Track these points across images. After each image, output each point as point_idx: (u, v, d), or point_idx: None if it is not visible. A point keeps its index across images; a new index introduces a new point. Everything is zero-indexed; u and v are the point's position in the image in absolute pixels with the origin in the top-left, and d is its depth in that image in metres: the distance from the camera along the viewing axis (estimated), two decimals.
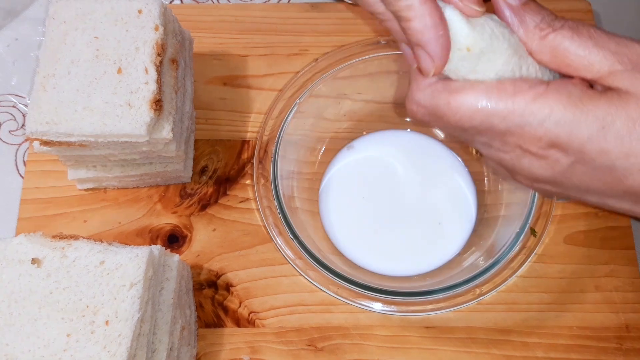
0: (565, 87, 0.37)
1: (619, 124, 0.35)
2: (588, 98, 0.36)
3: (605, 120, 0.35)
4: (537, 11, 0.38)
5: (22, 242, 0.45)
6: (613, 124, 0.35)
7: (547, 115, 0.36)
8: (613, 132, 0.35)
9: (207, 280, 0.57)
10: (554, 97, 0.36)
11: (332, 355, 0.54)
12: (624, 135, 0.35)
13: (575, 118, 0.36)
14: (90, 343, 0.42)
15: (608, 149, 0.36)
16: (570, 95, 0.36)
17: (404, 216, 0.59)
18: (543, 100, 0.36)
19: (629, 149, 0.36)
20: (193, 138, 0.62)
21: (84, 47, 0.50)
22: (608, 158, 0.36)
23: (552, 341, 0.55)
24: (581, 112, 0.36)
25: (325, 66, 0.60)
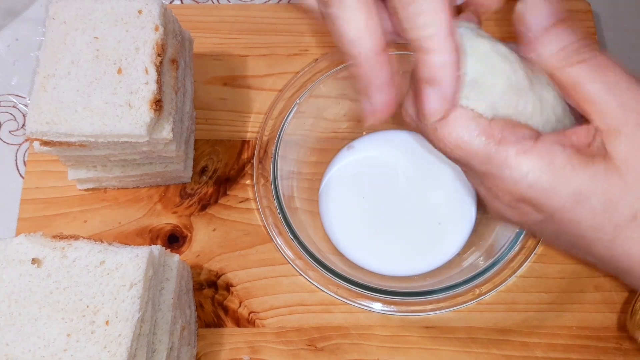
0: (551, 150, 0.35)
1: (594, 201, 0.34)
2: (571, 167, 0.34)
3: (581, 195, 0.34)
4: (564, 35, 0.35)
5: (22, 242, 0.45)
6: (589, 199, 0.34)
7: (524, 175, 0.35)
8: (587, 207, 0.34)
9: (207, 280, 0.57)
10: (536, 159, 0.34)
11: (332, 355, 0.54)
12: (597, 213, 0.35)
13: (550, 186, 0.34)
14: (90, 343, 0.42)
15: (579, 220, 0.35)
16: (552, 162, 0.34)
17: (403, 216, 0.59)
18: (524, 159, 0.34)
19: (599, 224, 0.35)
20: (193, 138, 0.62)
21: (84, 47, 0.50)
22: (578, 227, 0.36)
23: (552, 341, 0.55)
24: (559, 181, 0.34)
25: (325, 66, 0.60)
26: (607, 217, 0.35)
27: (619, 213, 0.34)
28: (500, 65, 0.35)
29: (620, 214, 0.34)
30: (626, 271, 0.37)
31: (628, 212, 0.34)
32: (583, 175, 0.34)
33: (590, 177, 0.34)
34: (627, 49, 0.69)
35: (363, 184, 0.60)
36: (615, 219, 0.35)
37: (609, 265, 0.38)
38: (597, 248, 0.36)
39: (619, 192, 0.34)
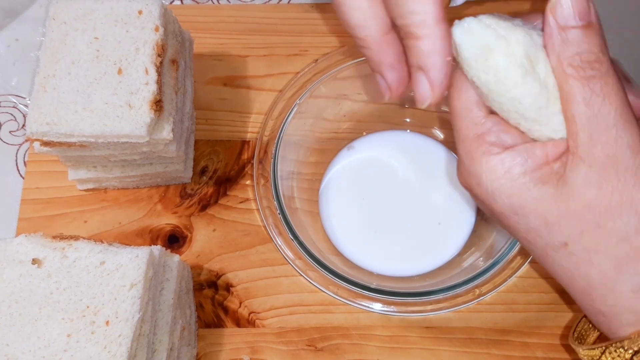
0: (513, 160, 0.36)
1: (531, 218, 0.36)
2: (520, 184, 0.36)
3: (521, 209, 0.36)
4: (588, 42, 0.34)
5: (22, 243, 0.45)
6: (526, 216, 0.36)
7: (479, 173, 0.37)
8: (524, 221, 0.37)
9: (207, 280, 0.57)
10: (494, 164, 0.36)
11: (332, 355, 0.54)
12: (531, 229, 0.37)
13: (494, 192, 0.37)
14: (90, 343, 0.42)
15: (516, 229, 0.37)
16: (508, 171, 0.36)
17: (403, 216, 0.59)
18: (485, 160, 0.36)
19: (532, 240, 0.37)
20: (193, 138, 0.62)
21: (84, 47, 0.50)
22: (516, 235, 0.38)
23: (552, 341, 0.55)
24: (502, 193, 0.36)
25: (325, 67, 0.60)
26: (539, 237, 0.36)
27: (551, 237, 0.36)
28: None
29: (551, 238, 0.36)
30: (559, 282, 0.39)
31: (560, 237, 0.35)
32: (527, 194, 0.36)
33: (533, 198, 0.35)
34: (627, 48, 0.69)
35: (363, 184, 0.60)
36: (546, 240, 0.36)
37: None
38: (534, 257, 0.39)
39: (557, 217, 0.35)
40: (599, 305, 0.38)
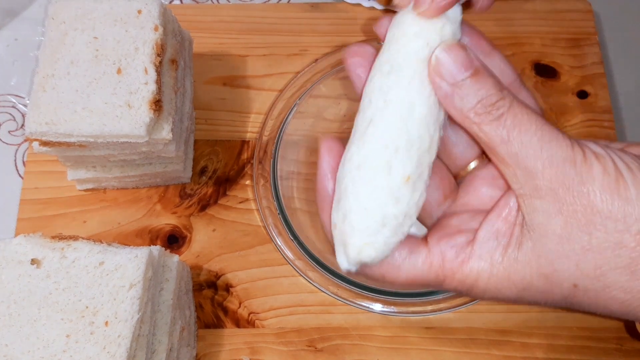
0: (487, 248, 0.35)
1: (537, 284, 0.35)
2: (507, 260, 0.35)
3: (523, 283, 0.35)
4: (474, 91, 0.34)
5: (21, 243, 0.45)
6: (531, 284, 0.35)
7: (474, 284, 0.36)
8: (533, 290, 0.35)
9: (207, 280, 0.57)
10: (478, 264, 0.35)
11: (332, 356, 0.54)
12: (544, 291, 0.35)
13: (498, 288, 0.36)
14: (89, 344, 0.42)
15: (534, 300, 0.36)
16: (492, 262, 0.35)
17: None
18: (467, 269, 0.36)
19: (550, 300, 0.36)
20: (193, 138, 0.62)
21: (84, 47, 0.50)
22: (537, 304, 0.37)
23: (552, 342, 0.55)
24: (502, 280, 0.35)
25: (325, 66, 0.60)
26: (553, 294, 0.35)
27: (559, 286, 0.35)
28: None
29: (560, 287, 0.35)
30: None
31: (565, 283, 0.35)
32: (518, 265, 0.35)
33: (524, 263, 0.35)
34: (627, 48, 0.69)
35: None
36: (560, 292, 0.35)
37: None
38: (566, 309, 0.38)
39: (549, 267, 0.34)
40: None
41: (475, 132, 0.34)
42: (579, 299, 0.35)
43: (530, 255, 0.35)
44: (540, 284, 0.35)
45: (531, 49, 0.66)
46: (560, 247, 0.34)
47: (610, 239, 0.33)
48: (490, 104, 0.34)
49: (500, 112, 0.34)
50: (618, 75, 0.67)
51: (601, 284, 0.34)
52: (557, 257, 0.34)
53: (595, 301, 0.35)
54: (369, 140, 0.36)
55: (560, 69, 0.65)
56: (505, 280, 0.35)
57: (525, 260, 0.35)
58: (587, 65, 0.65)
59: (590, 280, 0.34)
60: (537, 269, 0.35)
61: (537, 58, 0.65)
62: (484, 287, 0.36)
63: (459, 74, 0.34)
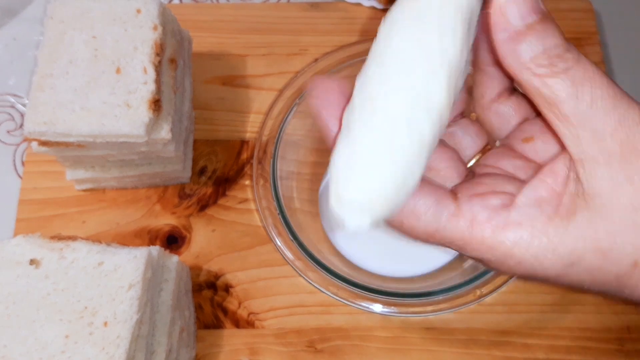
0: (529, 216, 0.32)
1: (588, 258, 0.31)
2: (554, 230, 0.31)
3: (572, 257, 0.31)
4: (548, 36, 0.30)
5: (20, 243, 0.45)
6: (582, 259, 0.31)
7: (508, 254, 0.32)
8: (583, 266, 0.31)
9: (206, 281, 0.57)
10: (516, 233, 0.32)
11: (332, 356, 0.54)
12: (595, 269, 0.32)
13: (538, 260, 0.32)
14: (88, 345, 0.41)
15: (579, 280, 0.32)
16: (533, 232, 0.31)
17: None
18: (503, 237, 0.32)
19: (601, 280, 0.32)
20: (192, 138, 0.61)
21: (82, 46, 0.50)
22: (581, 286, 0.33)
23: (553, 342, 0.54)
24: (545, 252, 0.31)
25: (325, 66, 0.60)
26: (606, 272, 0.32)
27: (617, 265, 0.31)
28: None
29: (618, 266, 0.31)
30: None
31: (625, 260, 0.31)
32: (569, 237, 0.31)
33: (577, 235, 0.31)
34: (628, 48, 0.68)
35: None
36: (615, 272, 0.32)
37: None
38: (613, 296, 0.34)
39: (609, 240, 0.31)
40: None
41: (536, 86, 0.31)
42: (636, 280, 0.31)
43: (585, 226, 0.31)
44: (593, 259, 0.31)
45: None
46: (626, 219, 0.30)
47: None
48: (557, 54, 0.30)
49: (569, 65, 0.30)
50: (619, 75, 0.67)
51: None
52: (620, 230, 0.31)
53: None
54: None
55: None
56: (549, 252, 0.31)
57: (578, 232, 0.31)
58: None
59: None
60: (593, 242, 0.31)
61: None
62: (520, 257, 0.32)
63: (528, 16, 0.30)
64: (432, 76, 0.30)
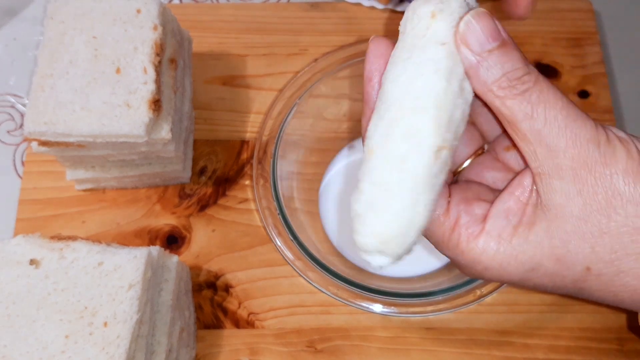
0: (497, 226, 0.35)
1: (546, 264, 0.34)
2: (517, 239, 0.34)
3: (533, 263, 0.34)
4: (508, 59, 0.33)
5: (20, 243, 0.45)
6: (541, 265, 0.34)
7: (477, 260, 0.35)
8: (542, 271, 0.35)
9: (206, 281, 0.57)
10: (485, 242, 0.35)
11: (332, 356, 0.54)
12: (553, 274, 0.34)
13: (502, 266, 0.35)
14: (88, 345, 0.41)
15: (541, 284, 0.35)
16: (499, 240, 0.34)
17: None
18: (474, 244, 0.35)
19: (560, 284, 0.35)
20: (192, 138, 0.61)
21: (83, 46, 0.50)
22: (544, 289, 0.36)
23: (553, 342, 0.54)
24: (509, 258, 0.35)
25: (325, 66, 0.60)
26: (563, 276, 0.35)
27: (571, 270, 0.34)
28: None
29: (573, 271, 0.34)
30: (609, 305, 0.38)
31: (579, 266, 0.34)
32: (528, 245, 0.34)
33: (535, 243, 0.34)
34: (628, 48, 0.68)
35: None
36: (571, 276, 0.34)
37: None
38: (573, 296, 0.37)
39: (563, 247, 0.34)
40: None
41: (497, 107, 0.33)
42: (590, 283, 0.34)
43: (542, 235, 0.34)
44: (550, 265, 0.34)
45: (532, 48, 0.66)
46: (577, 228, 0.33)
47: (629, 223, 0.33)
48: (516, 77, 0.33)
49: (526, 87, 0.33)
50: (619, 75, 0.67)
51: (615, 269, 0.33)
52: (572, 239, 0.33)
53: (605, 287, 0.34)
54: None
55: (561, 68, 0.65)
56: (512, 259, 0.34)
57: (536, 240, 0.34)
58: (588, 65, 0.65)
59: (605, 264, 0.33)
60: (550, 249, 0.34)
61: (537, 57, 0.65)
62: (488, 263, 0.35)
63: (486, 43, 0.33)
64: (420, 115, 0.32)
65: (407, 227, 0.33)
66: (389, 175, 0.33)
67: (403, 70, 0.33)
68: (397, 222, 0.33)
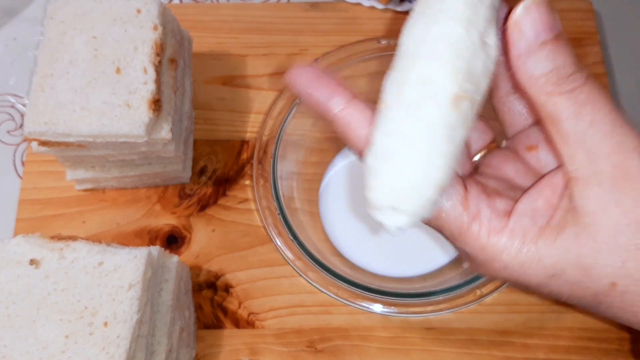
0: (522, 226, 0.33)
1: (570, 272, 0.32)
2: (543, 242, 0.32)
3: (555, 269, 0.32)
4: (560, 54, 0.31)
5: (20, 243, 0.45)
6: (564, 272, 0.32)
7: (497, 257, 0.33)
8: (563, 279, 0.33)
9: (207, 281, 0.57)
10: (508, 240, 0.33)
11: (332, 356, 0.54)
12: (574, 283, 0.33)
13: (523, 268, 0.33)
14: (88, 345, 0.41)
15: (558, 292, 0.34)
16: (524, 241, 0.33)
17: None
18: (496, 240, 0.33)
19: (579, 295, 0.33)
20: (192, 138, 0.61)
21: (83, 47, 0.50)
22: (559, 297, 0.34)
23: (554, 343, 0.54)
24: (531, 261, 0.33)
25: (325, 66, 0.60)
26: (585, 288, 0.33)
27: (596, 283, 0.32)
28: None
29: (597, 284, 0.32)
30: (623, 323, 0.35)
31: (604, 279, 0.32)
32: (554, 250, 0.32)
33: (562, 249, 0.32)
34: (628, 48, 0.68)
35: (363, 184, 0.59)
36: (593, 289, 0.33)
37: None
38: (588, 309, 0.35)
39: (591, 258, 0.32)
40: None
41: (541, 102, 0.32)
42: (611, 299, 0.33)
43: (571, 241, 0.32)
44: (574, 274, 0.32)
45: None
46: (610, 240, 0.31)
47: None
48: (566, 75, 0.31)
49: (575, 85, 0.31)
50: (619, 75, 0.67)
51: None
52: (603, 250, 0.31)
53: (627, 306, 0.32)
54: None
55: None
56: (535, 261, 0.33)
57: (564, 245, 0.32)
58: (588, 65, 0.65)
59: (633, 281, 0.32)
60: (577, 258, 0.32)
61: None
62: (508, 262, 0.33)
63: (542, 33, 0.31)
64: (435, 62, 0.30)
65: (423, 179, 0.31)
66: (403, 124, 0.31)
67: (418, 20, 0.31)
68: (410, 173, 0.31)
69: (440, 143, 0.30)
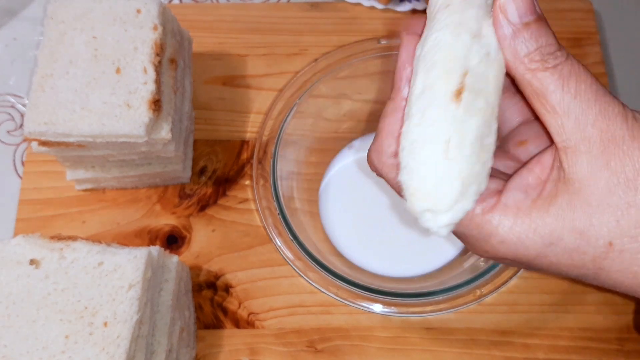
0: (514, 200, 0.34)
1: (566, 239, 0.33)
2: (536, 212, 0.34)
3: (552, 237, 0.34)
4: (543, 34, 0.33)
5: (20, 243, 0.45)
6: (561, 239, 0.34)
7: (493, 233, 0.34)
8: (561, 246, 0.34)
9: (207, 281, 0.57)
10: (501, 215, 0.34)
11: (332, 356, 0.54)
12: (572, 250, 0.34)
13: (520, 240, 0.34)
14: (88, 345, 0.41)
15: (557, 262, 0.35)
16: (517, 214, 0.34)
17: (404, 217, 0.58)
18: (490, 217, 0.34)
19: (578, 261, 0.34)
20: (192, 138, 0.61)
21: (83, 47, 0.50)
22: (559, 269, 0.35)
23: (554, 342, 0.54)
24: (527, 232, 0.34)
25: (325, 66, 0.60)
26: (583, 253, 0.34)
27: (593, 245, 0.33)
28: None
29: (594, 246, 0.33)
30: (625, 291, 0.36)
31: (601, 240, 0.33)
32: (549, 218, 0.34)
33: (556, 217, 0.33)
34: (628, 48, 0.68)
35: (363, 184, 0.60)
36: (591, 253, 0.34)
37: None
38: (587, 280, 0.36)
39: (586, 221, 0.33)
40: None
41: (527, 79, 0.34)
42: (610, 262, 0.33)
43: (565, 208, 0.33)
44: (571, 239, 0.33)
45: None
46: (602, 201, 0.33)
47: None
48: (549, 52, 0.33)
49: (558, 61, 0.33)
50: (619, 75, 0.67)
51: (638, 245, 0.33)
52: (596, 211, 0.33)
53: (626, 266, 0.33)
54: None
55: None
56: (530, 232, 0.34)
57: (558, 213, 0.33)
58: (588, 65, 0.64)
59: (629, 239, 0.33)
60: (571, 222, 0.33)
61: None
62: (504, 236, 0.34)
63: (524, 15, 0.33)
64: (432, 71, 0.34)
65: (445, 176, 0.33)
66: (415, 133, 0.34)
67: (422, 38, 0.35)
68: (432, 173, 0.33)
69: (450, 137, 0.33)
